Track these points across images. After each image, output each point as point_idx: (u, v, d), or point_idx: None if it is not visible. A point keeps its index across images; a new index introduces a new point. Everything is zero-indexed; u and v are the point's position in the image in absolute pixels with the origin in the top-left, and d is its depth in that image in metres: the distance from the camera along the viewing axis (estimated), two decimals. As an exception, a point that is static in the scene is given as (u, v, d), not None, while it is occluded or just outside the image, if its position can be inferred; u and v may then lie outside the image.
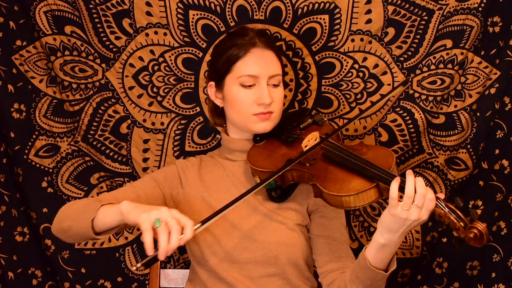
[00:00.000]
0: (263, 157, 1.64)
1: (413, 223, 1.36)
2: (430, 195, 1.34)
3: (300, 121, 1.73)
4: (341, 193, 1.43)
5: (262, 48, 1.64)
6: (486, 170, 2.05)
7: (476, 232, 1.31)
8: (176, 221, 1.32)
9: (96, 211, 1.45)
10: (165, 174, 1.73)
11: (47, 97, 2.01)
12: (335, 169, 1.51)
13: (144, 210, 1.35)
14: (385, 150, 1.55)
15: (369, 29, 1.99)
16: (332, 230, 1.64)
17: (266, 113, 1.64)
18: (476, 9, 1.95)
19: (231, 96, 1.65)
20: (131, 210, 1.38)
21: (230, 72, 1.65)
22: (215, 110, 1.76)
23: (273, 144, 1.69)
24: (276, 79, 1.66)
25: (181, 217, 1.34)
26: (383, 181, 1.41)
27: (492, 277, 2.08)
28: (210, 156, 1.79)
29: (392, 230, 1.38)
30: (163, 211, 1.33)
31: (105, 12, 1.97)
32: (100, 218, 1.45)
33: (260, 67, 1.63)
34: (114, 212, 1.43)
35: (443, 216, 1.35)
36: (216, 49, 1.72)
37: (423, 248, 2.11)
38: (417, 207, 1.33)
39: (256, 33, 1.67)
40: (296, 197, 1.67)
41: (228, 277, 1.62)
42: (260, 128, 1.66)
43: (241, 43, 1.64)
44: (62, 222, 1.55)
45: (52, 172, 2.04)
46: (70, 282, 2.07)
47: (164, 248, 1.30)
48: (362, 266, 1.45)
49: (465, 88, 2.02)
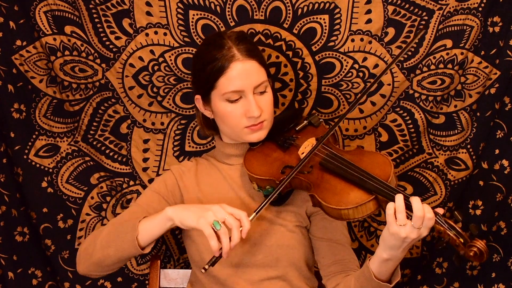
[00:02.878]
0: (260, 163, 1.63)
1: (413, 241, 1.36)
2: (429, 214, 1.34)
3: (295, 123, 1.71)
4: (340, 206, 1.42)
5: (242, 60, 1.57)
6: (486, 170, 2.05)
7: (476, 250, 1.32)
8: (232, 217, 1.37)
9: (137, 228, 1.48)
10: (165, 184, 1.71)
11: (47, 97, 2.01)
12: (333, 179, 1.50)
13: (197, 212, 1.38)
14: (383, 157, 1.52)
15: (369, 29, 1.99)
16: (334, 233, 1.64)
17: (258, 124, 1.61)
18: (476, 9, 1.95)
19: (219, 111, 1.62)
20: (182, 214, 1.42)
21: (214, 88, 1.59)
22: (206, 121, 1.73)
23: (269, 147, 1.67)
24: (262, 87, 1.60)
25: (235, 210, 1.40)
26: (382, 195, 1.40)
27: (492, 277, 2.08)
28: (206, 159, 1.77)
29: (393, 248, 1.39)
30: (218, 211, 1.38)
31: (105, 12, 1.97)
32: (144, 232, 1.48)
33: (243, 81, 1.57)
34: (161, 221, 1.46)
35: (442, 232, 1.36)
36: (196, 62, 1.66)
37: (423, 248, 2.12)
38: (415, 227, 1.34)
39: (233, 41, 1.59)
40: (295, 199, 1.66)
41: (228, 282, 1.61)
42: (254, 138, 1.63)
43: (219, 57, 1.57)
44: (92, 256, 1.55)
45: (52, 172, 2.04)
46: (70, 282, 2.07)
47: (228, 247, 1.37)
48: (366, 277, 1.46)
49: (465, 88, 2.02)
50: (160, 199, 1.68)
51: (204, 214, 1.37)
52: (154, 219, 1.48)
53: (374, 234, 2.12)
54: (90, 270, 1.59)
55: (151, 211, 1.64)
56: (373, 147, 2.06)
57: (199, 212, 1.38)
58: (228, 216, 1.37)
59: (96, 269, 1.58)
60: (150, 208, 1.65)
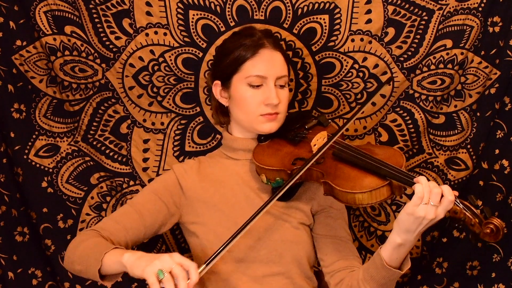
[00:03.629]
0: (269, 155, 1.65)
1: (430, 222, 1.38)
2: (450, 196, 1.36)
3: (304, 122, 1.74)
4: (355, 190, 1.44)
5: (271, 49, 1.66)
6: (486, 170, 2.05)
7: (492, 227, 1.34)
8: (179, 267, 1.34)
9: (101, 260, 1.47)
10: (165, 183, 1.72)
11: (47, 97, 2.01)
12: (346, 167, 1.52)
13: (147, 261, 1.36)
14: (394, 150, 1.56)
15: (369, 29, 1.99)
16: (338, 230, 1.66)
17: (273, 113, 1.65)
18: (476, 9, 1.95)
19: (239, 95, 1.66)
20: (133, 263, 1.40)
21: (237, 72, 1.65)
22: (220, 109, 1.77)
23: (278, 143, 1.69)
24: (283, 80, 1.67)
25: (184, 261, 1.36)
26: (397, 179, 1.42)
27: (492, 277, 2.08)
28: (209, 157, 1.79)
29: (409, 230, 1.40)
30: (165, 260, 1.35)
31: (105, 12, 1.97)
32: (106, 266, 1.48)
33: (268, 68, 1.64)
34: (117, 263, 1.45)
35: (458, 212, 1.38)
36: (222, 48, 1.73)
37: (423, 248, 2.12)
38: (434, 205, 1.35)
39: (263, 33, 1.69)
40: (301, 196, 1.67)
41: (231, 277, 1.62)
42: (267, 128, 1.66)
43: (249, 43, 1.65)
44: (72, 265, 1.59)
45: (52, 172, 2.04)
46: (70, 282, 2.07)
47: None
48: (377, 266, 1.47)
49: (465, 88, 2.02)
50: (156, 200, 1.69)
51: (151, 263, 1.35)
52: (115, 258, 1.47)
53: (374, 234, 2.12)
54: (71, 271, 1.63)
55: (144, 212, 1.66)
56: (373, 147, 2.06)
57: (148, 261, 1.37)
58: (175, 266, 1.34)
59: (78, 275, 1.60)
60: (144, 209, 1.66)
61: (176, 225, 2.08)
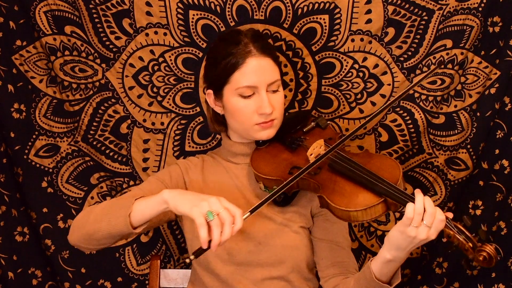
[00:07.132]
0: (267, 163, 1.62)
1: (420, 242, 1.36)
2: (440, 216, 1.34)
3: (303, 125, 1.72)
4: (349, 208, 1.42)
5: (258, 56, 1.58)
6: (486, 170, 2.05)
7: (485, 255, 1.33)
8: (227, 211, 1.32)
9: (132, 205, 1.44)
10: (170, 175, 1.71)
11: (47, 97, 2.01)
12: (342, 181, 1.49)
13: (193, 201, 1.34)
14: (391, 161, 1.53)
15: (369, 29, 1.99)
16: (335, 234, 1.64)
17: (268, 121, 1.61)
18: (476, 9, 1.95)
19: (231, 106, 1.62)
20: (177, 199, 1.38)
21: (227, 83, 1.60)
22: (215, 117, 1.73)
23: (277, 148, 1.67)
24: (275, 85, 1.62)
25: (231, 206, 1.34)
26: (392, 198, 1.40)
27: (492, 277, 2.08)
28: (212, 157, 1.78)
29: (399, 248, 1.39)
30: (214, 202, 1.33)
31: (105, 12, 1.97)
32: (137, 211, 1.44)
33: (258, 77, 1.58)
34: (156, 202, 1.42)
35: (452, 236, 1.36)
36: (210, 57, 1.67)
37: (423, 248, 2.11)
38: (426, 226, 1.34)
39: (250, 38, 1.60)
40: (300, 200, 1.66)
41: (230, 280, 1.61)
42: (264, 136, 1.63)
43: (236, 52, 1.58)
44: (84, 227, 1.51)
45: (52, 172, 2.04)
46: (70, 282, 2.07)
47: (218, 240, 1.31)
48: (367, 279, 1.46)
49: (465, 88, 2.02)
50: (162, 187, 1.65)
51: (199, 204, 1.33)
52: (150, 200, 1.44)
53: (374, 234, 2.12)
54: (80, 241, 1.54)
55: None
56: (373, 147, 2.06)
57: (195, 201, 1.35)
58: (223, 210, 1.33)
59: (85, 242, 1.53)
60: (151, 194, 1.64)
61: (176, 225, 2.09)
